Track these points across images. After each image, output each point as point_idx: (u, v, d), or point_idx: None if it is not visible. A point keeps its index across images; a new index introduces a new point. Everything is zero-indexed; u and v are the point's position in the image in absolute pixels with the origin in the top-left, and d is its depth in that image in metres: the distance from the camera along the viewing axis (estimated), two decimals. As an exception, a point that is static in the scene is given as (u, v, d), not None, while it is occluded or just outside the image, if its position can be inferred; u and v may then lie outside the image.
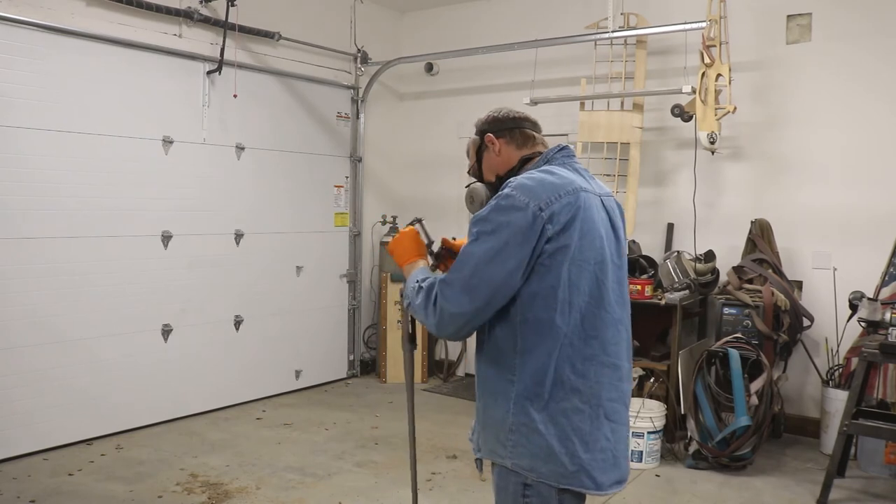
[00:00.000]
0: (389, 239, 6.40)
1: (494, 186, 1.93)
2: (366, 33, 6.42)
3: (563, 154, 1.89)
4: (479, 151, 2.00)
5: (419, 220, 2.20)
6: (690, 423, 4.38)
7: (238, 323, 5.48)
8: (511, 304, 1.73)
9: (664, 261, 4.97)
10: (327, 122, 6.17)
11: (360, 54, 6.34)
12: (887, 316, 3.91)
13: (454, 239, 2.17)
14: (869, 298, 4.25)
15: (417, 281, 1.87)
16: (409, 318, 2.18)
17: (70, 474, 4.05)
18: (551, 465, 1.73)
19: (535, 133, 1.98)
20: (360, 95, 6.40)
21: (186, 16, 4.99)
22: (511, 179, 1.79)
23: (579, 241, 1.71)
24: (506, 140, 1.95)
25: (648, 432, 4.27)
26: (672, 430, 4.57)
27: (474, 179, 2.05)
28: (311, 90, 6.01)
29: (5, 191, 4.17)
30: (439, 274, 1.89)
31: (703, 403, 4.34)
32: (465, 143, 2.13)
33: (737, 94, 4.78)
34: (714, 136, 4.66)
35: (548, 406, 1.72)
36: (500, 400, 1.78)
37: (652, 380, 4.81)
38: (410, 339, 2.31)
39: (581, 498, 1.80)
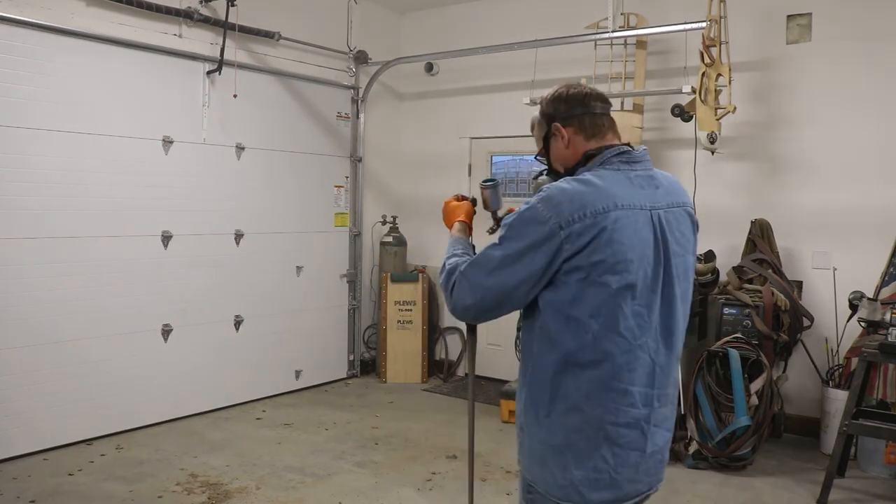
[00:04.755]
0: (390, 239, 6.41)
1: (573, 178, 1.82)
2: (366, 33, 6.42)
3: (619, 158, 1.77)
4: (545, 137, 1.88)
5: (493, 183, 2.16)
6: (690, 423, 4.38)
7: (238, 323, 5.48)
8: (534, 309, 1.73)
9: (664, 261, 4.95)
10: (327, 122, 6.17)
11: (359, 54, 6.34)
12: (887, 316, 3.91)
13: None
14: (869, 298, 4.26)
15: (447, 255, 1.91)
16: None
17: (70, 474, 4.06)
18: (544, 473, 1.75)
19: (604, 118, 1.83)
20: (360, 95, 6.40)
21: (186, 16, 4.99)
22: (548, 186, 1.72)
23: (598, 264, 1.64)
24: (574, 129, 1.82)
25: (648, 432, 4.26)
26: (672, 430, 4.56)
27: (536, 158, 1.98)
28: (311, 90, 6.01)
29: (4, 191, 4.17)
30: (466, 257, 1.87)
31: (703, 403, 4.34)
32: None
33: (737, 94, 4.78)
34: (714, 136, 4.66)
35: (549, 416, 1.73)
36: (520, 395, 1.83)
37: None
38: (470, 329, 2.20)
39: None
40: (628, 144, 1.83)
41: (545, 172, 1.94)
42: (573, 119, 1.82)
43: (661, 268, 1.74)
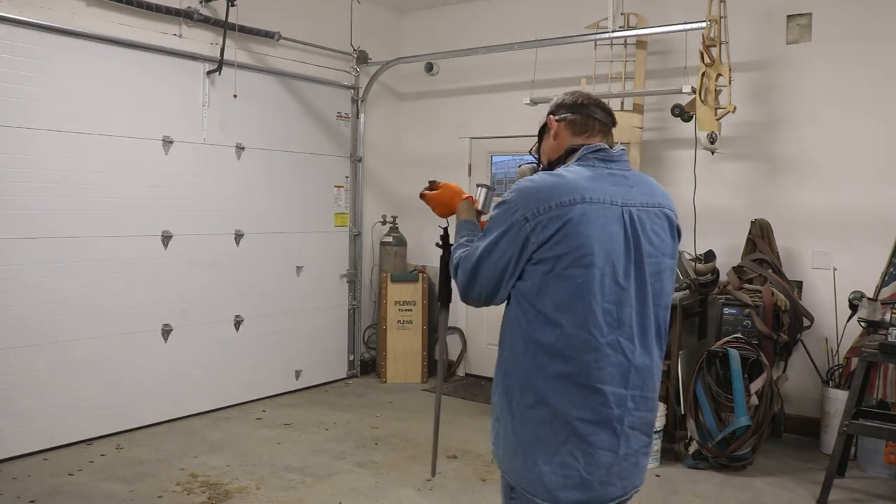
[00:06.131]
0: (390, 239, 6.41)
1: (544, 170, 1.90)
2: (366, 33, 6.42)
3: (596, 155, 1.79)
4: (541, 131, 1.96)
5: (491, 187, 2.22)
6: (690, 423, 4.38)
7: (238, 323, 5.48)
8: (509, 300, 1.79)
9: (664, 261, 4.95)
10: (327, 122, 6.17)
11: (359, 54, 6.34)
12: (887, 316, 3.91)
13: None
14: (869, 298, 4.26)
15: (455, 244, 1.97)
16: (442, 282, 2.28)
17: (70, 474, 4.06)
18: (514, 464, 1.77)
19: (598, 122, 1.86)
20: (360, 95, 6.40)
21: (186, 16, 4.99)
22: (521, 179, 1.77)
23: (563, 256, 1.64)
24: (564, 124, 1.87)
25: (648, 432, 4.26)
26: (672, 430, 4.56)
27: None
28: (311, 90, 6.01)
29: (4, 191, 4.17)
30: (471, 245, 1.90)
31: (703, 403, 4.34)
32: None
33: (737, 94, 4.79)
34: (714, 136, 4.66)
35: (519, 406, 1.75)
36: (496, 384, 1.86)
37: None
38: (445, 303, 2.36)
39: None
40: (617, 144, 1.89)
41: (535, 164, 2.02)
42: (566, 115, 1.88)
43: (633, 265, 1.72)
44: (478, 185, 2.22)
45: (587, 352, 1.67)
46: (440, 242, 2.30)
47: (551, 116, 1.89)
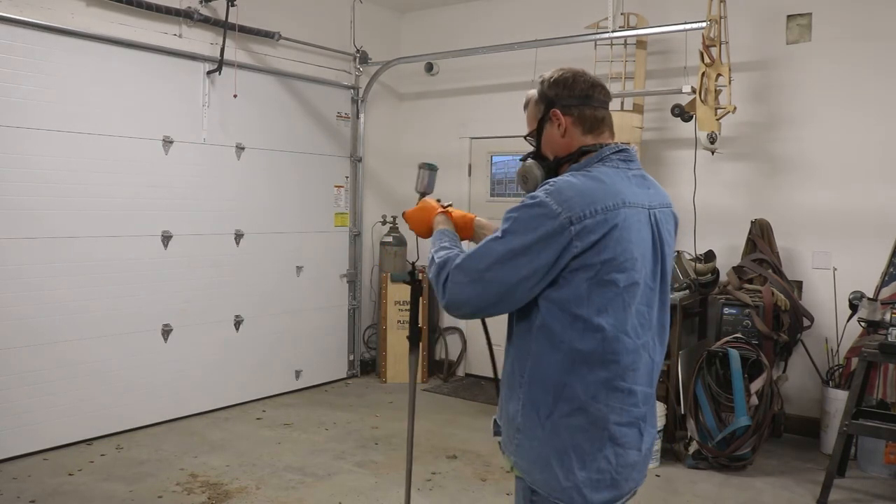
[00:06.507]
0: (390, 239, 6.41)
1: (550, 167, 1.82)
2: (366, 33, 6.42)
3: (619, 157, 1.75)
4: (541, 120, 1.83)
5: (435, 166, 2.18)
6: (690, 423, 4.38)
7: (238, 323, 5.48)
8: (532, 307, 1.68)
9: (664, 261, 4.96)
10: (327, 122, 6.17)
11: (359, 54, 6.34)
12: (887, 316, 3.91)
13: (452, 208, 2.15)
14: (869, 298, 4.25)
15: (434, 248, 1.84)
16: (412, 320, 2.21)
17: (70, 474, 4.05)
18: (546, 475, 1.70)
19: (604, 112, 1.82)
20: (360, 95, 6.40)
21: (186, 16, 4.99)
22: (555, 179, 1.68)
23: (608, 262, 1.61)
24: (573, 119, 1.78)
25: (648, 432, 4.26)
26: (672, 430, 4.56)
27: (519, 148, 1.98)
28: (312, 90, 6.01)
29: (4, 191, 4.17)
30: (455, 250, 1.82)
31: (703, 403, 4.34)
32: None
33: (737, 94, 4.78)
34: (714, 136, 4.66)
35: (551, 417, 1.68)
36: (514, 397, 1.75)
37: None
38: (413, 341, 2.26)
39: None
40: (627, 144, 1.85)
41: (532, 156, 1.88)
42: (573, 108, 1.78)
43: (659, 266, 1.74)
44: (420, 166, 2.17)
45: (626, 354, 1.67)
46: (408, 279, 2.28)
47: (557, 111, 1.79)
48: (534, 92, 1.88)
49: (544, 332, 1.67)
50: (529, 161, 1.86)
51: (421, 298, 2.34)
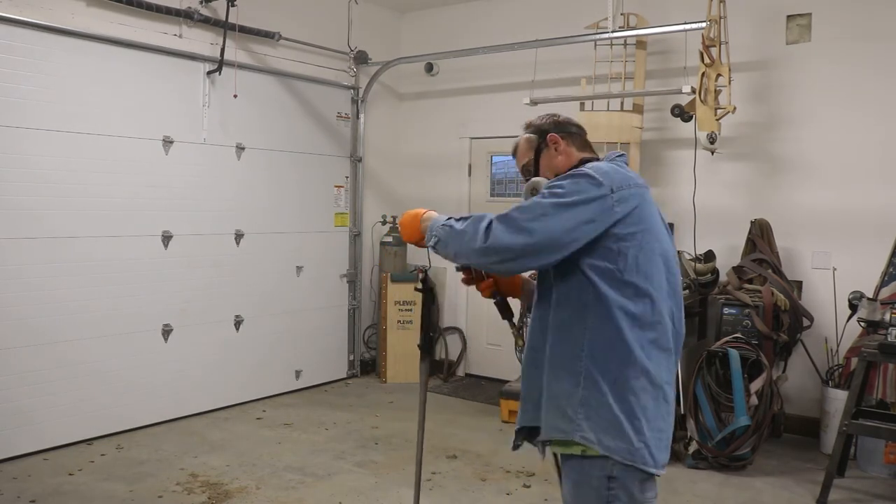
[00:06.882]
0: (390, 239, 6.41)
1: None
2: (366, 33, 6.42)
3: (621, 160, 2.02)
4: (537, 150, 2.09)
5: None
6: (690, 423, 4.38)
7: (238, 323, 5.48)
8: (587, 284, 1.82)
9: (664, 261, 4.95)
10: (327, 122, 6.17)
11: (359, 54, 6.33)
12: (887, 316, 3.91)
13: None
14: (869, 298, 4.26)
15: (449, 217, 1.96)
16: (424, 328, 2.30)
17: (70, 474, 4.06)
18: (618, 440, 1.80)
19: (585, 136, 2.13)
20: (360, 95, 6.40)
21: (186, 16, 4.99)
22: (587, 167, 1.89)
23: (646, 231, 1.83)
24: (567, 141, 2.07)
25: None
26: (672, 430, 4.56)
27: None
28: (311, 90, 6.01)
29: (4, 191, 4.17)
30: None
31: (703, 403, 4.34)
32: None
33: (737, 94, 4.78)
34: (714, 136, 4.66)
35: (617, 382, 1.80)
36: (568, 374, 1.84)
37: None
38: (424, 349, 2.33)
39: (653, 483, 1.91)
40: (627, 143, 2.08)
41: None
42: (566, 135, 2.08)
43: (668, 241, 1.95)
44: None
45: (665, 317, 1.86)
46: (420, 287, 2.30)
47: (554, 134, 2.05)
48: (520, 136, 2.14)
49: (602, 303, 1.81)
50: (538, 177, 2.05)
51: (433, 306, 2.34)
